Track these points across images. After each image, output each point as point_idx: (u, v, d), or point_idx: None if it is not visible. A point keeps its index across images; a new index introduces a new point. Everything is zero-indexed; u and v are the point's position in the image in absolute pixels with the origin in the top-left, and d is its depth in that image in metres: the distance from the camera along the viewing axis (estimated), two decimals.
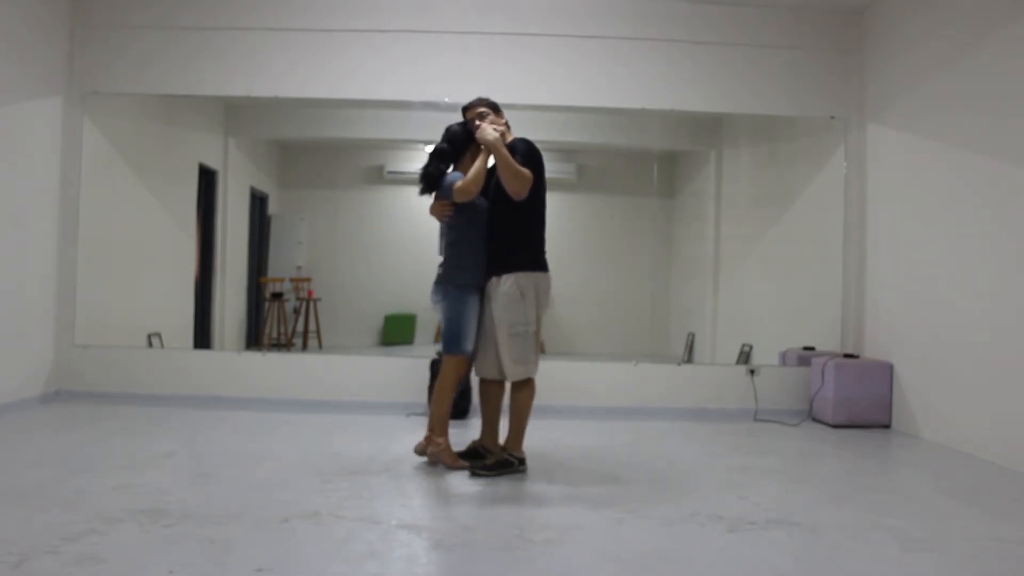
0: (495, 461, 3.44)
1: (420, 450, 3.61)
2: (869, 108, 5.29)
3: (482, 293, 3.52)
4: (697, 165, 6.63)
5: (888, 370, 4.90)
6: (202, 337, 6.02)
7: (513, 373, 3.42)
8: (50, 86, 5.01)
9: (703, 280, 6.39)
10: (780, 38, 5.35)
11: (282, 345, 6.63)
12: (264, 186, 6.81)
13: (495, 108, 3.60)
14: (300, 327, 6.71)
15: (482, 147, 3.47)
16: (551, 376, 5.16)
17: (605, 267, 7.06)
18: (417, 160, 6.92)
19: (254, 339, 6.60)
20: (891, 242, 5.01)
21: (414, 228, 6.87)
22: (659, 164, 6.04)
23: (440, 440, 3.51)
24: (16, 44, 4.65)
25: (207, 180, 6.14)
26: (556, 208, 6.98)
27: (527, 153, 3.41)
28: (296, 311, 6.73)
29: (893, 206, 5.00)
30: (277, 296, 6.67)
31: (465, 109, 3.64)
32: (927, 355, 4.58)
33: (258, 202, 6.72)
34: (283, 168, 6.98)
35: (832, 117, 5.41)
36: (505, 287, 3.38)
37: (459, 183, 3.42)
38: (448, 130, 3.62)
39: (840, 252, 5.40)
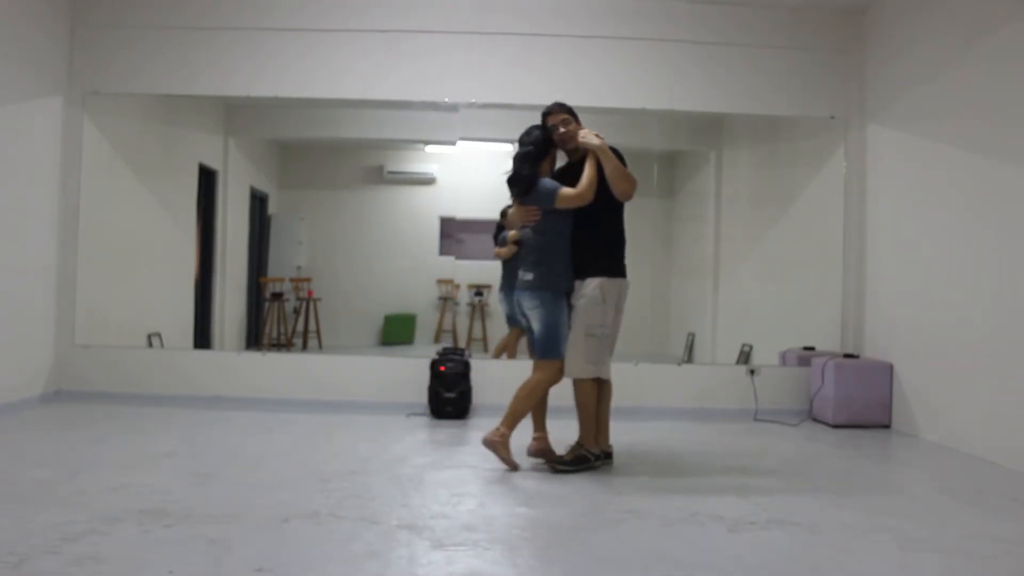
0: (573, 457, 3.51)
1: (533, 451, 3.54)
2: (869, 108, 5.29)
3: (568, 298, 3.58)
4: (697, 165, 6.62)
5: (888, 370, 4.90)
6: (202, 337, 6.02)
7: (581, 371, 3.47)
8: (50, 86, 5.01)
9: (703, 280, 6.39)
10: (780, 38, 5.35)
11: (282, 345, 6.63)
12: (264, 186, 6.81)
13: (574, 114, 3.65)
14: (300, 327, 6.71)
15: (570, 153, 3.62)
16: None
17: None
18: (417, 160, 6.96)
19: (254, 339, 6.61)
20: (891, 242, 5.01)
21: (414, 228, 6.88)
22: (659, 164, 6.04)
23: (505, 431, 3.46)
24: (16, 44, 4.65)
25: (207, 180, 6.14)
26: None
27: (622, 158, 3.56)
28: (296, 311, 6.74)
29: (893, 206, 5.00)
30: (277, 296, 6.68)
31: (545, 115, 3.65)
32: (927, 355, 4.58)
33: (258, 202, 6.73)
34: (283, 168, 6.98)
35: (832, 117, 5.41)
36: (588, 289, 3.48)
37: (570, 191, 3.44)
38: (530, 133, 3.62)
39: (840, 252, 5.40)
